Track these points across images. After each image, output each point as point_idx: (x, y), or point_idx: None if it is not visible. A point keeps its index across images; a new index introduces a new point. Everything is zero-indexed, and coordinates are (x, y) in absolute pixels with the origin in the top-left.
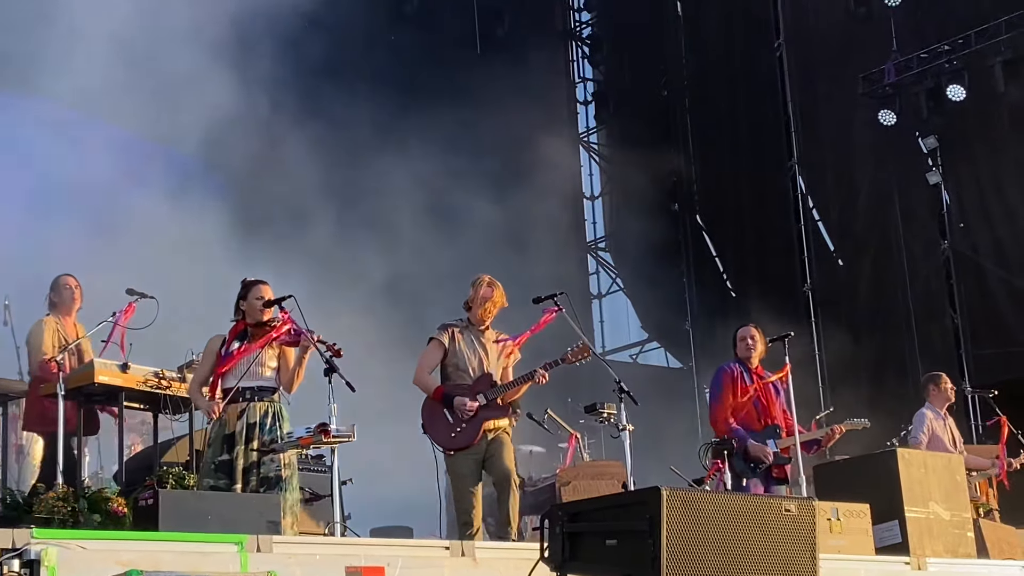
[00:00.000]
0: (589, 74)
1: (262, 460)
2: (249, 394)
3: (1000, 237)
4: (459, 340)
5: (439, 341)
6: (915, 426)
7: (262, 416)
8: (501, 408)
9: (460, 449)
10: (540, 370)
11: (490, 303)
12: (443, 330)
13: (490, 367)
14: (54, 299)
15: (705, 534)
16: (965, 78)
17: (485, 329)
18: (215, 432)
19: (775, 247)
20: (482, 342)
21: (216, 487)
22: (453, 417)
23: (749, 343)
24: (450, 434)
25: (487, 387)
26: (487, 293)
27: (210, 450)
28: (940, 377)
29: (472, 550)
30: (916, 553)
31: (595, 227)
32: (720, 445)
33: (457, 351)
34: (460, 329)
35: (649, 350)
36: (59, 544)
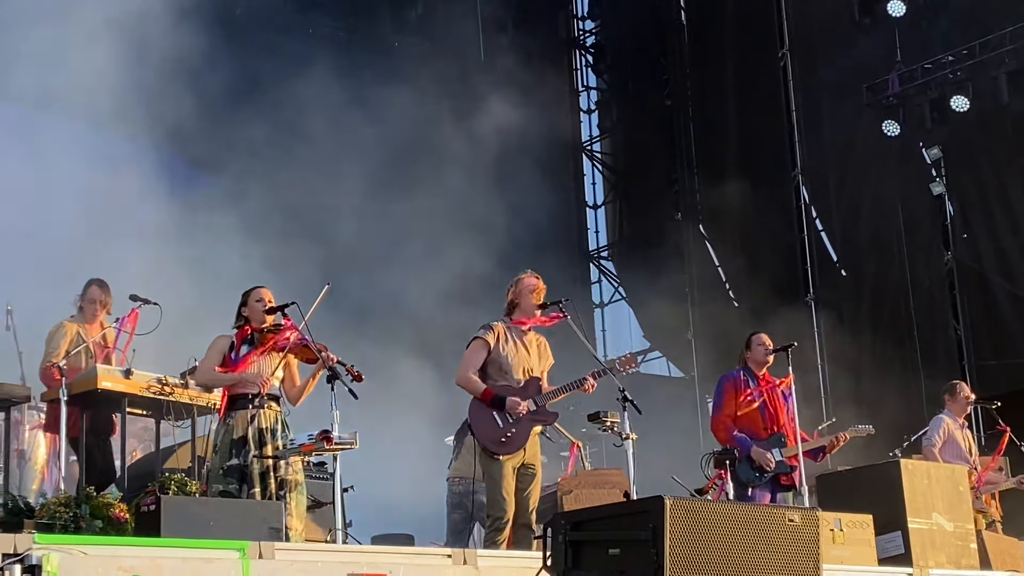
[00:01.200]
0: (593, 83)
1: (278, 464)
2: (258, 401)
3: (1004, 248)
4: (503, 339)
5: (484, 340)
6: (931, 428)
7: (273, 423)
8: (550, 414)
9: (507, 454)
10: (590, 378)
11: (534, 295)
12: (487, 329)
13: (532, 370)
14: (82, 303)
15: (708, 544)
16: (969, 89)
17: (527, 330)
18: (221, 438)
19: (778, 257)
20: (524, 343)
21: (227, 492)
22: (503, 420)
23: (768, 348)
24: (500, 438)
25: (536, 392)
26: (532, 283)
27: (217, 456)
28: (955, 386)
29: (474, 558)
30: (919, 564)
31: (598, 236)
32: (722, 455)
33: (501, 351)
34: (504, 328)
35: (651, 359)
36: (61, 549)
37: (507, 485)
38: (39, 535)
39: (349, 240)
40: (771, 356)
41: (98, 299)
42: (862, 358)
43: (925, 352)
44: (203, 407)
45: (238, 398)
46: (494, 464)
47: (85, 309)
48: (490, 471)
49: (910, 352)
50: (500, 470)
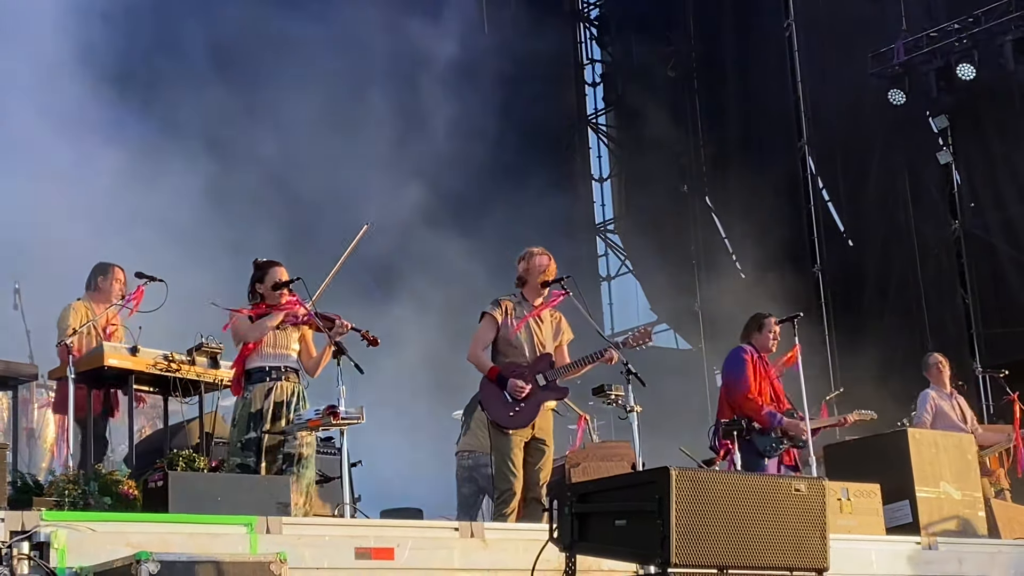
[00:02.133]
0: (597, 55)
1: (286, 438)
2: (276, 373)
3: (1011, 216)
4: (512, 316)
5: (492, 317)
6: (919, 406)
7: (289, 395)
8: (560, 389)
9: (516, 429)
10: (612, 349)
11: (545, 274)
12: (495, 306)
13: (545, 345)
14: (101, 285)
15: (714, 514)
16: (975, 57)
17: (540, 305)
18: (240, 411)
19: (785, 228)
20: (537, 319)
21: (245, 465)
22: (511, 396)
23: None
24: (508, 413)
25: (546, 367)
26: (542, 261)
27: (236, 430)
28: (930, 357)
29: (481, 531)
30: (927, 533)
31: (604, 209)
32: (730, 426)
33: (510, 327)
34: (513, 304)
35: (658, 332)
36: (68, 526)
37: (515, 458)
38: (47, 512)
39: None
40: (775, 344)
41: (123, 281)
42: (869, 328)
43: (933, 321)
44: (210, 383)
45: (255, 371)
46: (503, 438)
47: (102, 290)
48: (498, 445)
49: (917, 321)
50: (508, 444)
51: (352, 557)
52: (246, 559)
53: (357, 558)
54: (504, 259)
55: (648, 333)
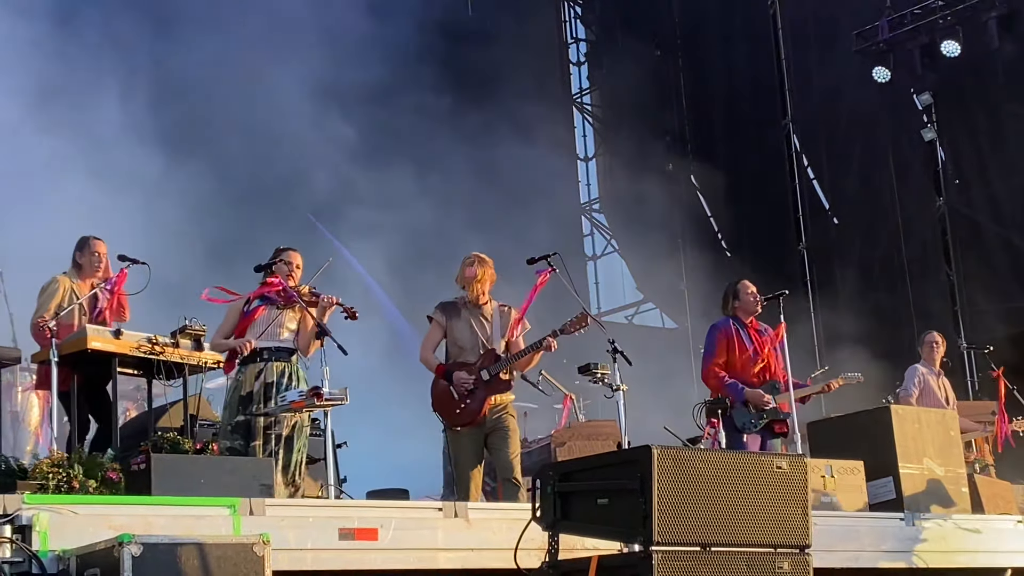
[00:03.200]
0: (582, 34)
1: (278, 418)
2: (267, 354)
3: (995, 193)
4: (456, 318)
5: (437, 322)
6: (907, 379)
7: (279, 376)
8: (504, 383)
9: (465, 425)
10: (550, 337)
11: (477, 282)
12: (439, 309)
13: (491, 342)
14: (80, 260)
15: (696, 492)
16: (959, 34)
17: (484, 304)
18: (232, 395)
19: (770, 206)
20: (481, 318)
21: (233, 448)
22: (457, 393)
23: (757, 296)
24: (455, 410)
25: (491, 362)
26: (472, 272)
27: (226, 412)
28: (928, 334)
29: (465, 511)
30: (910, 509)
31: (589, 188)
32: (714, 404)
33: (455, 329)
34: (459, 306)
35: (645, 311)
36: (51, 509)
37: (469, 465)
38: (29, 495)
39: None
40: (760, 304)
41: (103, 253)
42: (855, 305)
43: (918, 298)
44: (194, 366)
45: None
46: (457, 440)
47: (85, 265)
48: (452, 447)
49: (903, 299)
50: (459, 447)
51: (336, 538)
52: (229, 541)
53: (341, 539)
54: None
55: (585, 318)
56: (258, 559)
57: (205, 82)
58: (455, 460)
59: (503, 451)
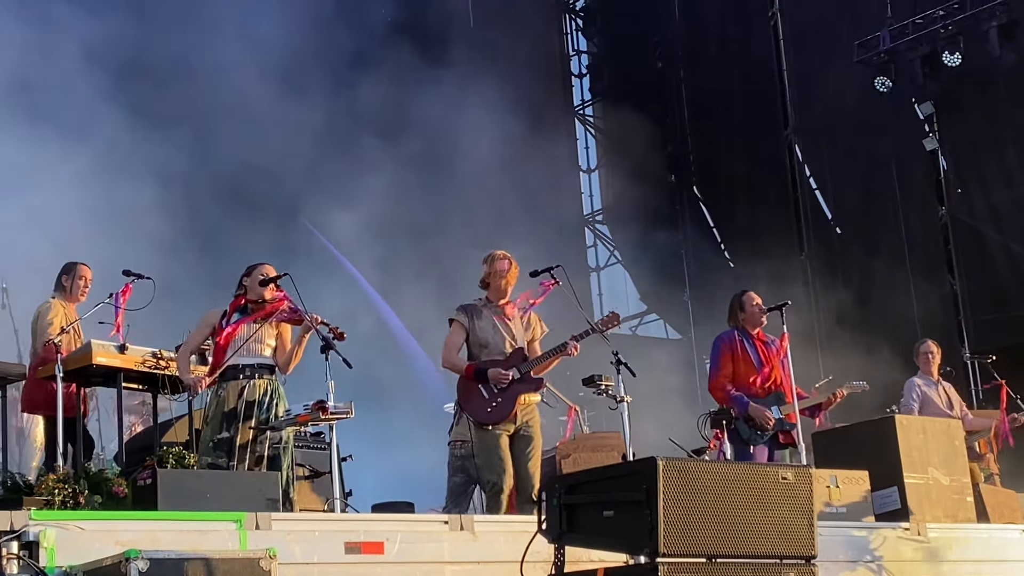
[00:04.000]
0: (583, 46)
1: (259, 439)
2: (249, 371)
3: (997, 202)
4: (479, 319)
5: (459, 323)
6: (906, 394)
7: (262, 394)
8: (534, 381)
9: (496, 424)
10: (571, 341)
11: (507, 278)
12: (461, 311)
13: (517, 340)
14: (66, 283)
15: (702, 504)
16: (960, 43)
17: (505, 304)
18: (214, 410)
19: (772, 216)
20: (504, 318)
21: (216, 465)
22: (488, 392)
23: (761, 307)
24: (487, 408)
25: (519, 361)
26: (503, 266)
27: (208, 428)
28: (923, 344)
29: (471, 524)
30: (916, 519)
31: (592, 200)
32: (719, 415)
33: (478, 330)
34: (480, 307)
35: (648, 322)
36: (57, 525)
37: (502, 450)
38: (35, 511)
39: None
40: (765, 315)
41: (89, 278)
42: (858, 315)
43: (921, 308)
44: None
45: (228, 369)
46: (486, 434)
47: (72, 289)
48: (483, 441)
49: (906, 308)
50: (493, 439)
51: (342, 551)
52: (236, 555)
53: (347, 552)
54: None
55: (616, 317)
56: (265, 573)
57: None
58: (483, 459)
59: (527, 459)
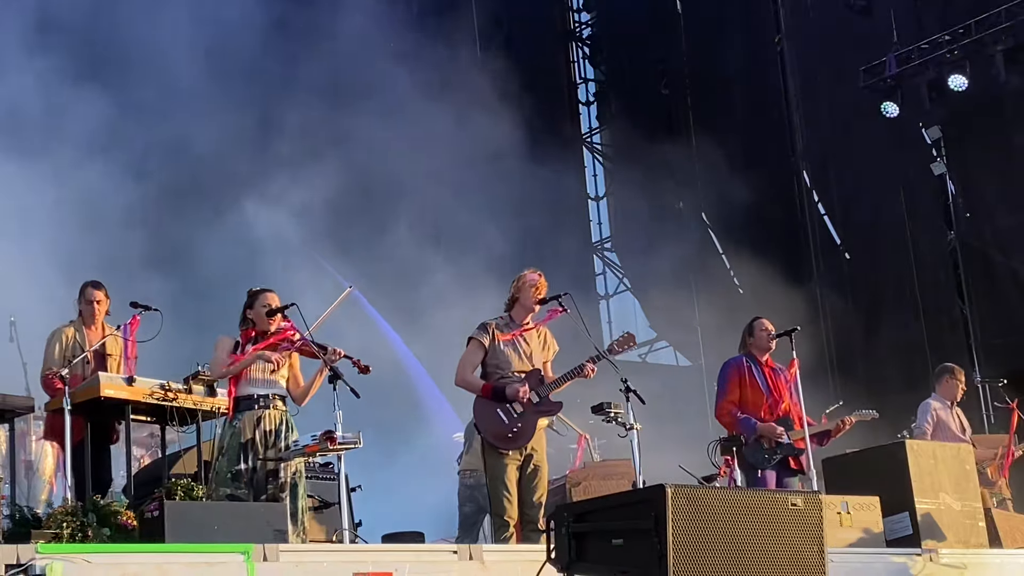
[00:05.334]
0: (590, 74)
1: (279, 468)
2: (264, 401)
3: (1006, 226)
4: (499, 339)
5: (479, 341)
6: (919, 416)
7: (278, 424)
8: (554, 404)
9: (515, 448)
10: (588, 363)
11: (535, 290)
12: (482, 330)
13: (533, 360)
14: (81, 306)
15: (711, 531)
16: (967, 67)
17: (526, 323)
18: (229, 440)
19: (781, 242)
20: (523, 338)
21: (235, 496)
22: (507, 416)
23: (771, 333)
24: (507, 433)
25: (536, 384)
26: (534, 277)
27: (224, 459)
28: (956, 370)
29: (480, 553)
30: (928, 545)
31: (600, 227)
32: (728, 441)
33: (498, 351)
34: (500, 327)
35: (658, 349)
36: (64, 558)
37: (510, 482)
38: (42, 545)
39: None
40: (774, 341)
41: (95, 299)
42: (868, 340)
43: (931, 333)
44: (207, 412)
45: (243, 399)
46: (499, 461)
47: (84, 311)
48: (494, 469)
49: (916, 333)
50: (505, 468)
51: None
52: None
53: None
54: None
55: (632, 337)
56: None
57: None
58: (491, 482)
59: (534, 489)
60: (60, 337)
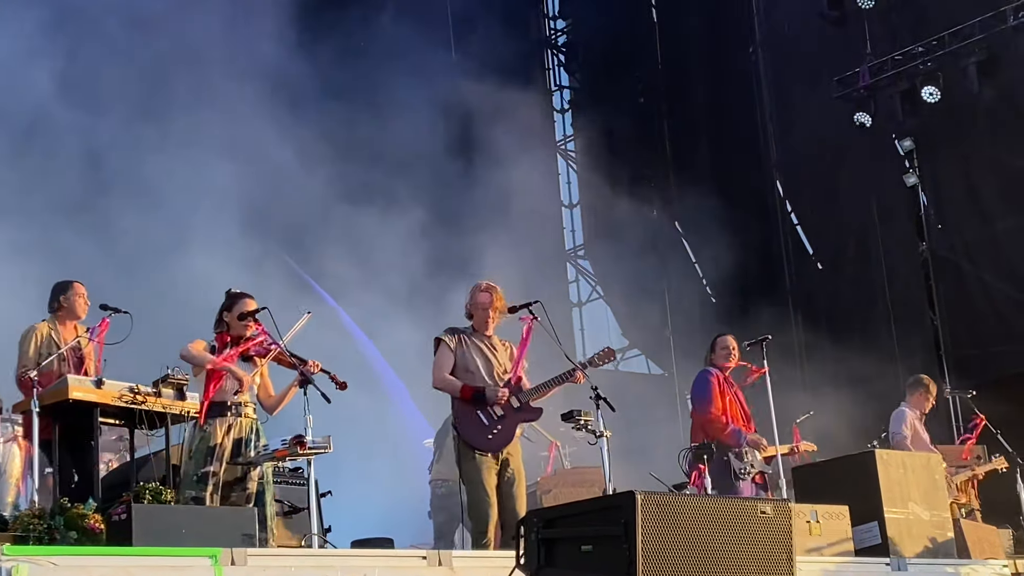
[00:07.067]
0: (565, 82)
1: (248, 476)
2: (236, 409)
3: (977, 238)
4: (466, 344)
5: (447, 344)
6: (895, 423)
7: (248, 432)
8: (534, 410)
9: (494, 451)
10: (579, 370)
11: (490, 309)
12: (449, 333)
13: (506, 369)
14: (64, 303)
15: (681, 538)
16: (940, 79)
17: (491, 334)
18: (198, 444)
19: (755, 252)
20: (489, 346)
21: (199, 499)
22: (487, 418)
23: (732, 351)
24: (486, 436)
25: (517, 389)
26: (484, 299)
27: (192, 462)
28: (930, 385)
29: (449, 559)
30: (896, 554)
31: (574, 235)
32: (699, 450)
33: (465, 354)
34: (465, 333)
35: (630, 357)
36: (30, 560)
37: (489, 487)
38: (8, 547)
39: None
40: (734, 360)
41: (84, 294)
42: (839, 350)
43: (902, 343)
44: (177, 415)
45: (216, 405)
46: (475, 465)
47: (66, 308)
48: (471, 473)
49: (888, 343)
50: (481, 472)
51: None
52: None
53: None
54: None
55: (612, 352)
56: None
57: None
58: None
59: (514, 497)
60: (35, 335)
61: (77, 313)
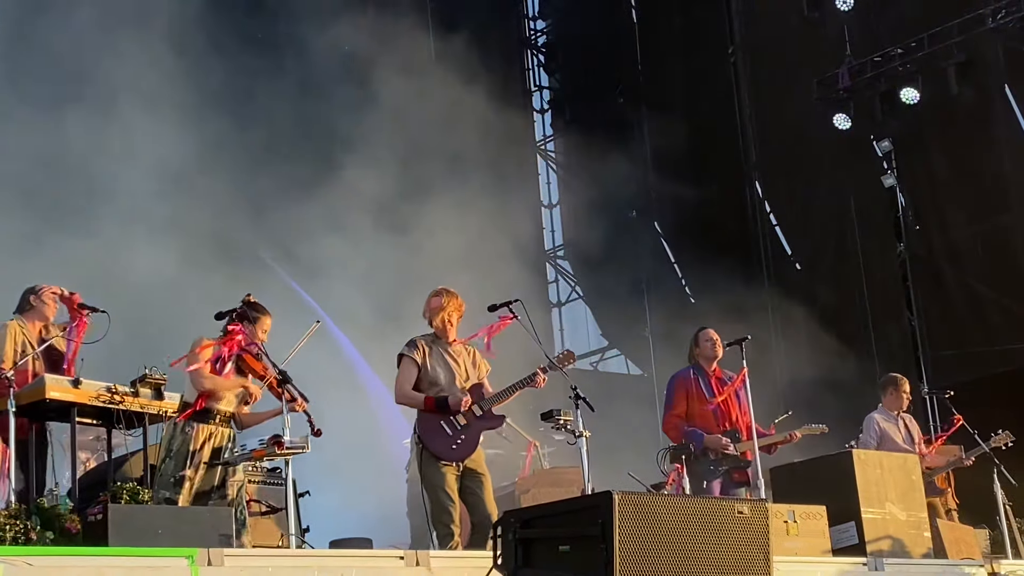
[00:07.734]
0: (545, 82)
1: (227, 481)
2: (220, 418)
3: (955, 239)
4: (428, 355)
5: (411, 358)
6: (865, 431)
7: (227, 442)
8: (496, 418)
9: (459, 460)
10: (540, 373)
11: (444, 313)
12: (411, 347)
13: (468, 376)
14: (35, 303)
15: (658, 538)
16: (919, 81)
17: (452, 341)
18: (178, 446)
19: (733, 252)
20: (451, 354)
21: (172, 500)
22: (451, 428)
23: (716, 342)
24: (451, 445)
25: (479, 397)
26: (436, 303)
27: (171, 463)
28: (899, 380)
29: (427, 559)
30: (873, 554)
31: (553, 235)
32: (678, 450)
33: (428, 367)
34: (428, 343)
35: (609, 357)
36: (5, 560)
37: (451, 491)
38: None
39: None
40: (720, 349)
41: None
42: (818, 350)
43: (880, 344)
44: (154, 415)
45: (204, 411)
46: (437, 470)
47: (37, 308)
48: (432, 478)
49: (865, 344)
50: (443, 477)
51: None
52: None
53: None
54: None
55: (572, 355)
56: None
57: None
58: (430, 491)
59: (483, 496)
60: (11, 333)
61: (47, 314)
